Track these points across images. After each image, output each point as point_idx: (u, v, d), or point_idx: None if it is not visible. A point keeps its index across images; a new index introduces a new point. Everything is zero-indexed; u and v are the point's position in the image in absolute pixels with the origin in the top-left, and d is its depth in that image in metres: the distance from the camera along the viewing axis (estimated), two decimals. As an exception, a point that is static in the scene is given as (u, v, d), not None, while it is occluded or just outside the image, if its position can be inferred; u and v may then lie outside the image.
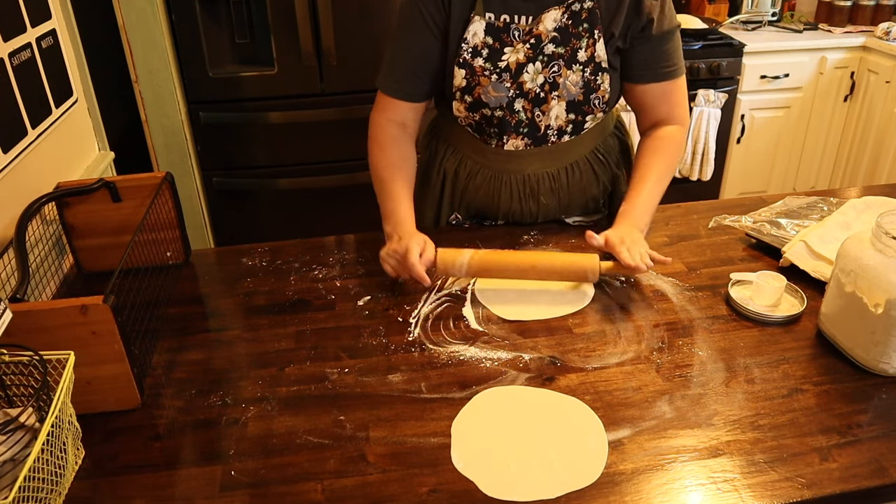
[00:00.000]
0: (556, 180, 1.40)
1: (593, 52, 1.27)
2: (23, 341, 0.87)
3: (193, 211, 2.80)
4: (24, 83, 1.26)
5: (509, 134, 1.33)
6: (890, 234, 0.95)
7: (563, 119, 1.32)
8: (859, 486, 0.83)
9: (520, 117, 1.31)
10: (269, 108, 2.66)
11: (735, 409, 0.95)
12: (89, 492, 0.87)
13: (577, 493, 0.83)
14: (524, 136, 1.34)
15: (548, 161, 1.38)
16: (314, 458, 0.89)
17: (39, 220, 1.23)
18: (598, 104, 1.31)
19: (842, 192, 1.51)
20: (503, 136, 1.34)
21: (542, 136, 1.34)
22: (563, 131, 1.34)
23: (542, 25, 1.25)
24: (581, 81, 1.29)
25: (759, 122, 3.11)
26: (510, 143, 1.35)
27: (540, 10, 1.25)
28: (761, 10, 3.24)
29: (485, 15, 1.26)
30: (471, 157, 1.41)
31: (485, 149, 1.38)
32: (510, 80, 1.28)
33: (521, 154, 1.36)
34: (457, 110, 1.34)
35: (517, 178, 1.39)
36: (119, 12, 2.45)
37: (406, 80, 1.33)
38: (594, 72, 1.28)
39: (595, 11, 1.25)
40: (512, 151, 1.36)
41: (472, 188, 1.42)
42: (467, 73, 1.28)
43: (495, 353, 1.07)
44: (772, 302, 1.14)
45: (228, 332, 1.15)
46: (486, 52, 1.27)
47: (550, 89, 1.29)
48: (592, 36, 1.27)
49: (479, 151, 1.39)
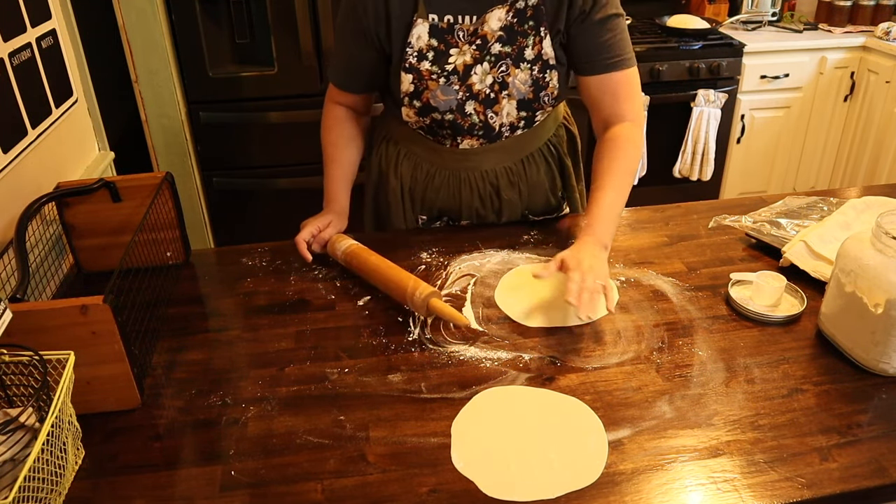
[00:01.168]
0: (514, 174, 1.40)
1: (540, 49, 1.26)
2: (23, 341, 0.87)
3: (193, 211, 2.80)
4: (24, 83, 1.26)
5: (463, 135, 1.33)
6: (890, 234, 0.95)
7: (515, 116, 1.32)
8: (859, 486, 0.83)
9: (472, 120, 1.30)
10: (268, 108, 2.66)
11: (735, 409, 0.95)
12: (89, 492, 0.87)
13: (577, 493, 0.83)
14: (478, 137, 1.34)
15: (504, 156, 1.38)
16: (314, 458, 0.89)
17: (39, 220, 1.23)
18: (547, 100, 1.31)
19: (842, 192, 1.51)
20: (457, 136, 1.34)
21: (497, 133, 1.34)
22: (516, 127, 1.34)
23: (486, 26, 1.24)
24: (530, 80, 1.27)
25: (759, 122, 3.11)
26: (465, 142, 1.35)
27: (484, 9, 1.23)
28: (761, 10, 3.24)
29: (428, 16, 1.24)
30: (426, 160, 1.40)
31: (440, 149, 1.38)
32: (458, 82, 1.27)
33: (476, 151, 1.36)
34: (406, 115, 1.33)
35: (475, 174, 1.39)
36: (119, 12, 2.45)
37: (346, 76, 1.37)
38: (542, 69, 1.27)
39: (540, 8, 1.23)
40: (468, 150, 1.36)
41: (432, 189, 1.42)
42: (414, 77, 1.27)
43: (495, 353, 1.07)
44: (772, 302, 1.14)
45: (228, 332, 1.15)
46: (431, 54, 1.25)
47: (500, 89, 1.28)
48: (538, 33, 1.25)
49: (434, 152, 1.39)
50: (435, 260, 1.31)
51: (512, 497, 0.83)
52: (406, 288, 1.14)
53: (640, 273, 1.26)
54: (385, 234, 1.44)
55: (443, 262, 1.31)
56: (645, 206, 1.49)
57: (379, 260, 1.23)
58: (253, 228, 2.88)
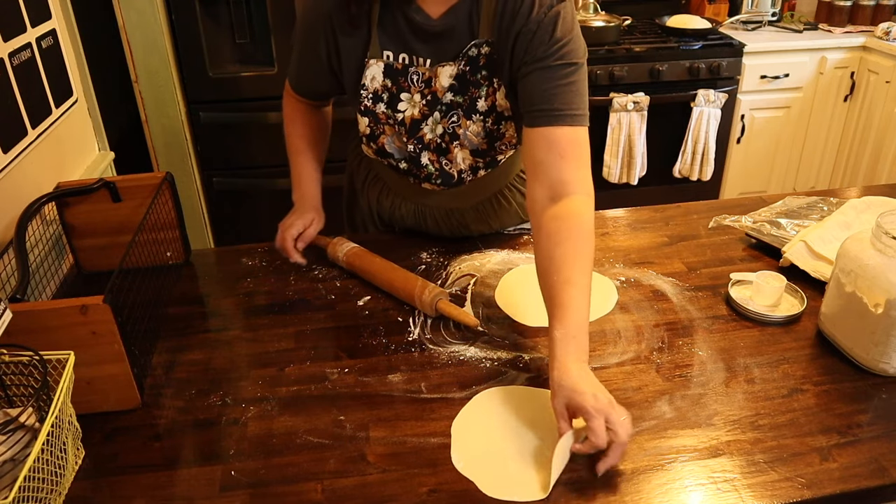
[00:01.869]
0: (482, 211, 1.35)
1: (493, 101, 1.15)
2: (23, 341, 0.87)
3: (193, 211, 2.80)
4: (24, 83, 1.26)
5: (421, 181, 1.28)
6: (890, 234, 0.95)
7: (472, 161, 1.23)
8: (859, 486, 0.83)
9: (428, 169, 1.24)
10: (269, 108, 2.66)
11: (735, 409, 0.95)
12: (89, 492, 0.87)
13: (577, 493, 0.83)
14: (437, 184, 1.27)
15: (470, 196, 1.32)
16: (314, 458, 0.89)
17: (39, 220, 1.23)
18: (505, 148, 1.23)
19: (842, 192, 1.51)
20: (417, 181, 1.29)
21: (458, 180, 1.26)
22: (477, 168, 1.25)
23: (437, 82, 1.15)
24: (482, 131, 1.17)
25: (759, 122, 3.11)
26: (425, 184, 1.29)
27: (438, 56, 1.14)
28: (761, 10, 3.24)
29: (382, 54, 1.15)
30: (391, 188, 1.36)
31: (404, 182, 1.32)
32: (406, 135, 1.20)
33: (439, 193, 1.31)
34: (367, 152, 1.29)
35: (440, 212, 1.34)
36: (119, 12, 2.45)
37: (306, 85, 1.32)
38: (496, 121, 1.17)
39: (493, 57, 1.12)
40: (429, 190, 1.31)
41: (399, 217, 1.38)
42: (370, 121, 1.21)
43: (495, 353, 1.07)
44: (772, 302, 1.14)
45: (228, 332, 1.15)
46: (386, 96, 1.18)
47: (451, 140, 1.19)
48: (492, 84, 1.14)
49: (400, 184, 1.34)
50: (435, 260, 1.31)
51: (512, 497, 0.83)
52: (414, 288, 1.15)
53: (640, 273, 1.26)
54: (385, 234, 1.44)
55: (443, 262, 1.31)
56: (645, 206, 1.49)
57: (383, 261, 1.23)
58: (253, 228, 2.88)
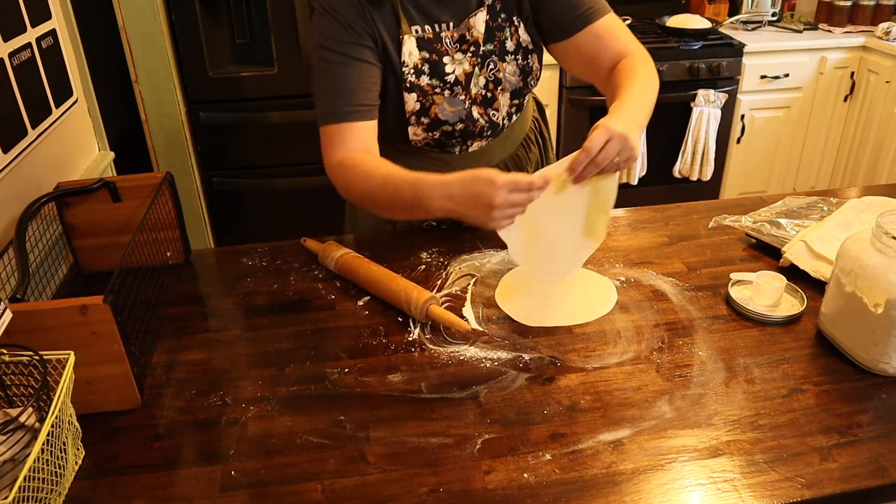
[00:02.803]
0: (520, 158, 1.45)
1: (518, 38, 1.29)
2: (23, 341, 0.87)
3: (193, 211, 2.80)
4: (24, 83, 1.26)
5: (473, 139, 1.35)
6: (890, 234, 0.95)
7: (508, 105, 1.35)
8: (859, 486, 0.83)
9: (480, 123, 1.32)
10: (269, 108, 2.66)
11: (735, 409, 0.95)
12: (89, 492, 0.87)
13: (577, 492, 0.83)
14: (487, 137, 1.37)
15: (507, 144, 1.42)
16: (314, 458, 0.89)
17: (39, 220, 1.23)
18: (533, 84, 1.35)
19: (842, 192, 1.51)
20: (467, 141, 1.35)
21: (501, 128, 1.37)
22: (512, 115, 1.38)
23: (475, 30, 1.25)
24: (517, 70, 1.30)
25: (759, 122, 3.11)
26: (475, 145, 1.37)
27: (461, 15, 1.25)
28: (761, 10, 3.24)
29: (412, 30, 1.23)
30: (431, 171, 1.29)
31: (447, 158, 1.37)
32: (462, 91, 1.27)
33: (485, 149, 1.39)
34: (414, 134, 1.30)
35: None
36: (119, 12, 2.45)
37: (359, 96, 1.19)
38: (525, 56, 1.30)
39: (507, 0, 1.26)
40: (476, 150, 1.38)
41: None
42: (418, 95, 1.25)
43: (495, 353, 1.07)
44: (772, 302, 1.14)
45: (228, 332, 1.15)
46: (427, 67, 1.24)
47: (494, 86, 1.30)
48: (512, 23, 1.28)
49: (441, 162, 1.36)
50: (435, 260, 1.31)
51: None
52: (401, 300, 1.14)
53: (640, 273, 1.26)
54: (385, 234, 1.44)
55: (443, 262, 1.31)
56: (645, 206, 1.49)
57: (369, 271, 1.21)
58: (253, 228, 2.89)
